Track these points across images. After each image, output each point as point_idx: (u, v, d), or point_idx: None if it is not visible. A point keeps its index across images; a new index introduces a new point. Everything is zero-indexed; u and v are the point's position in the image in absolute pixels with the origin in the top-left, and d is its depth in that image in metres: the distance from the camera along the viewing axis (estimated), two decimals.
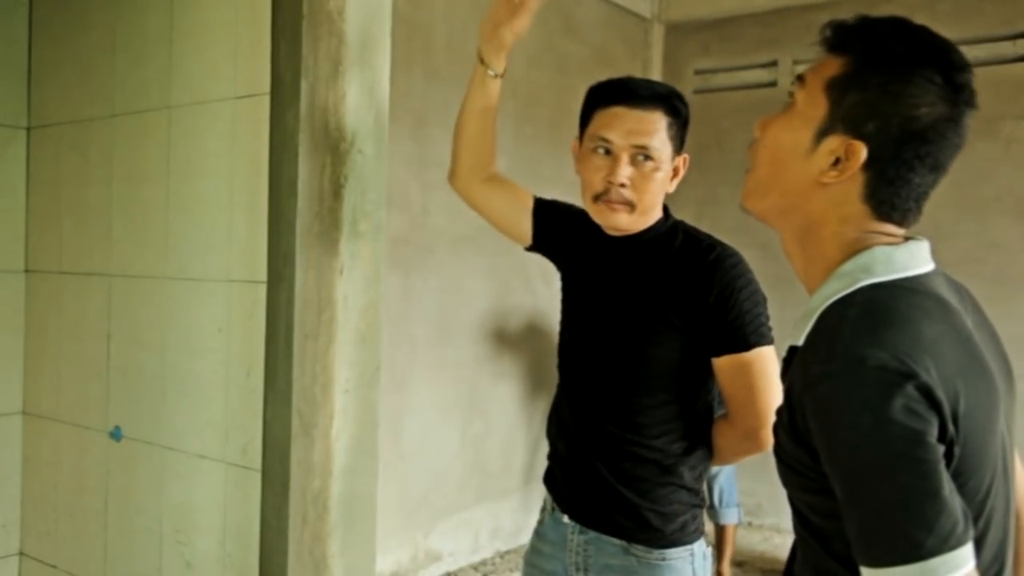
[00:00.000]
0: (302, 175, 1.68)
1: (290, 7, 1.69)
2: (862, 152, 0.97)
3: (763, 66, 4.98)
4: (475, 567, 4.21)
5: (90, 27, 2.13)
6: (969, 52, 4.98)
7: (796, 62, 4.90)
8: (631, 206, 1.60)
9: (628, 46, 5.19)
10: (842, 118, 0.98)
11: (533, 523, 1.81)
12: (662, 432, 1.60)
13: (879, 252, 0.99)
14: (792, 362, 1.02)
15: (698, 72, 5.25)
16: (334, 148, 1.70)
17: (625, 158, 1.59)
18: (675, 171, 1.64)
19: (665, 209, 1.69)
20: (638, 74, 5.26)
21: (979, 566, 0.90)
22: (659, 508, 1.60)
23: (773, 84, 4.94)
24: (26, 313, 2.31)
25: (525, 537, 4.49)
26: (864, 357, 0.87)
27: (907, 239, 1.04)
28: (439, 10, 3.88)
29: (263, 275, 1.76)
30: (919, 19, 1.02)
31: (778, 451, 1.04)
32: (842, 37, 1.01)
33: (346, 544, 1.75)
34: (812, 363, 0.93)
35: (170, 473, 1.95)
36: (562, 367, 1.76)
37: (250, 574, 1.78)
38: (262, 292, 1.76)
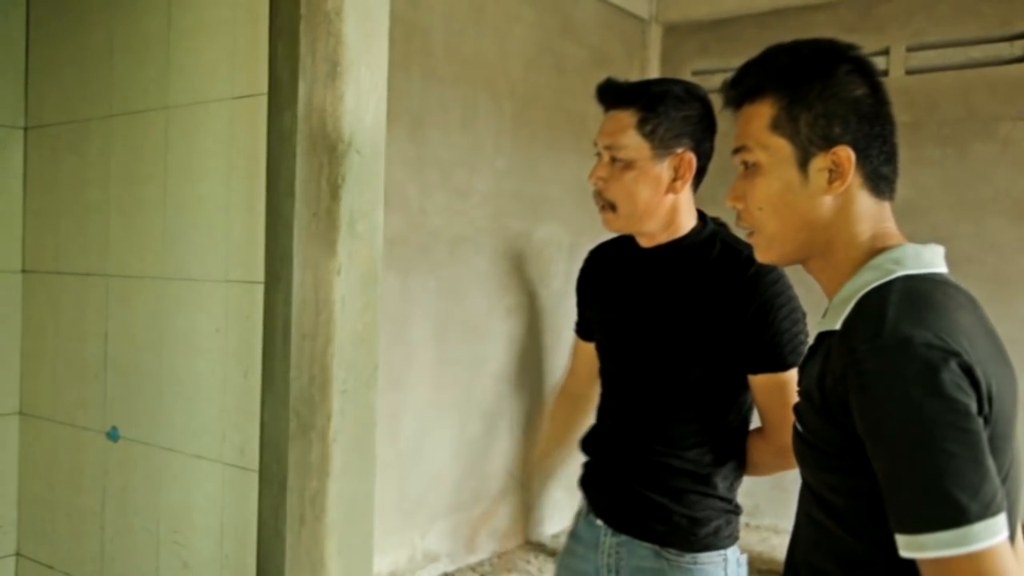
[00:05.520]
0: (300, 175, 1.68)
1: (288, 7, 1.69)
2: (849, 152, 1.06)
3: None
4: (472, 568, 4.21)
5: (88, 27, 2.13)
6: (966, 53, 4.97)
7: None
8: (612, 207, 1.60)
9: (626, 47, 5.19)
10: (809, 140, 1.06)
11: (530, 524, 1.81)
12: (696, 444, 1.60)
13: (909, 249, 1.06)
14: (821, 345, 1.07)
15: (696, 73, 5.25)
16: (332, 149, 1.70)
17: (603, 159, 1.60)
18: (676, 171, 1.57)
19: (703, 216, 1.66)
20: (636, 75, 5.27)
21: None
22: (691, 514, 1.59)
23: None
24: (23, 313, 2.31)
25: (522, 539, 4.49)
26: (911, 336, 0.92)
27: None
28: (437, 11, 3.88)
29: (260, 275, 1.76)
30: (917, 21, 1.06)
31: (800, 433, 1.08)
32: (748, 85, 1.11)
33: (343, 545, 1.75)
34: (857, 342, 0.97)
35: (167, 474, 1.95)
36: (603, 378, 1.75)
37: (247, 575, 1.78)
38: (259, 292, 1.76)
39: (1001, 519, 0.89)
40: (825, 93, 1.06)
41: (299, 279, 1.69)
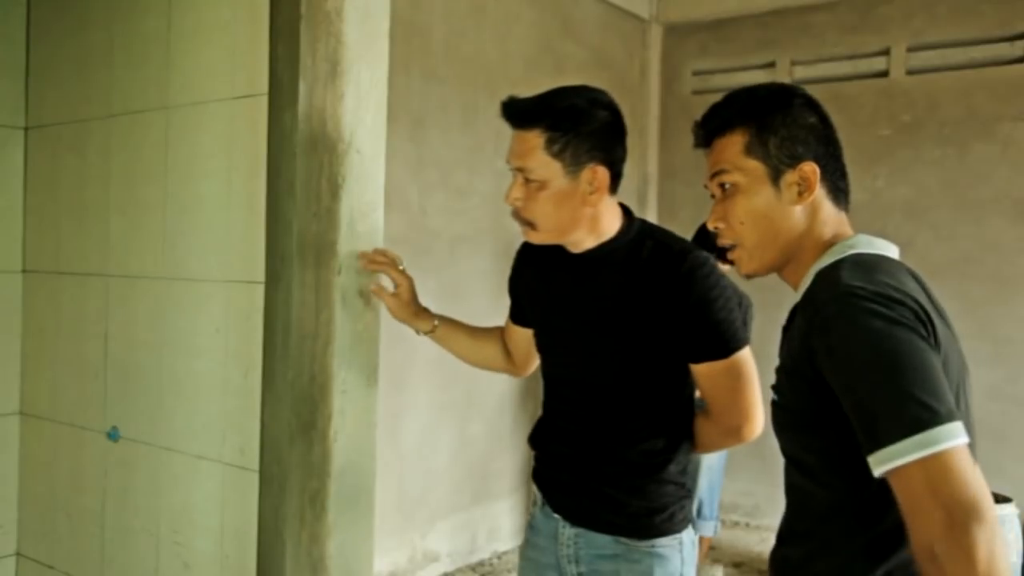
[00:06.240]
0: (300, 175, 1.68)
1: (288, 8, 1.69)
2: (814, 167, 1.23)
3: (761, 67, 4.98)
4: (472, 568, 4.21)
5: (88, 27, 2.13)
6: (966, 53, 4.96)
7: (794, 63, 4.90)
8: (531, 225, 1.60)
9: (626, 47, 5.19)
10: (779, 160, 1.24)
11: None
12: (648, 435, 1.62)
13: (863, 237, 1.23)
14: (792, 322, 1.21)
15: (696, 73, 5.25)
16: (332, 148, 1.70)
17: (517, 179, 1.59)
18: (590, 185, 1.56)
19: (629, 215, 1.66)
20: (636, 75, 5.27)
21: None
22: (647, 504, 1.62)
23: None
24: (23, 313, 2.31)
25: (522, 538, 4.49)
26: (864, 285, 1.07)
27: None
28: (437, 11, 3.88)
29: (261, 275, 1.76)
30: (917, 21, 1.08)
31: (776, 402, 1.22)
32: (719, 122, 1.28)
33: (344, 545, 1.75)
34: (817, 300, 1.13)
35: (167, 474, 1.95)
36: (546, 382, 1.76)
37: (248, 575, 1.78)
38: (260, 292, 1.76)
39: (961, 425, 1.00)
40: (787, 120, 1.24)
41: (299, 279, 1.69)
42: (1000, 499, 3.71)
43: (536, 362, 1.88)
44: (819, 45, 4.81)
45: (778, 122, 1.24)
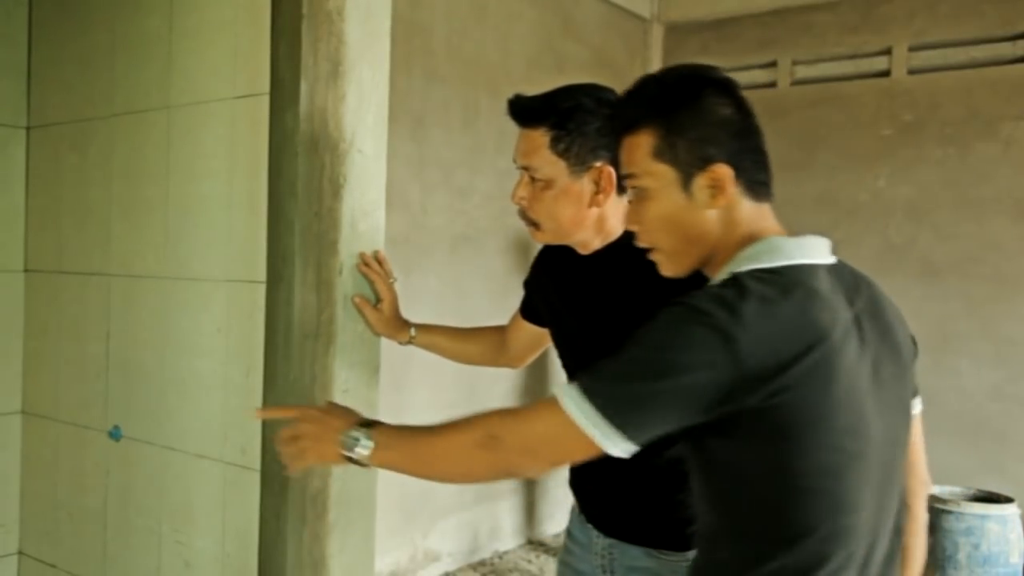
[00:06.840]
0: (301, 175, 1.68)
1: (290, 7, 1.69)
2: (726, 170, 1.16)
3: (762, 67, 4.98)
4: (474, 567, 4.21)
5: (90, 27, 2.13)
6: (968, 53, 4.95)
7: (795, 63, 4.90)
8: (535, 225, 1.59)
9: (627, 47, 5.19)
10: (689, 163, 1.17)
11: (531, 524, 1.82)
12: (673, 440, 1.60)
13: (772, 242, 1.16)
14: None
15: None
16: (333, 148, 1.71)
17: (524, 178, 1.59)
18: (596, 185, 1.55)
19: None
20: (637, 75, 5.25)
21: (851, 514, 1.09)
22: (677, 514, 1.58)
23: (772, 85, 4.93)
24: (25, 313, 2.32)
25: (523, 538, 4.49)
26: (709, 311, 1.05)
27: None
28: (439, 10, 3.89)
29: (262, 275, 1.76)
30: (918, 21, 1.06)
31: None
32: (626, 119, 1.22)
33: (345, 544, 1.75)
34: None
35: (169, 473, 1.95)
36: None
37: (249, 574, 1.78)
38: (261, 292, 1.76)
39: (625, 444, 1.09)
40: (696, 119, 1.17)
41: (301, 279, 1.69)
42: (1002, 499, 3.71)
43: (533, 356, 1.91)
44: (820, 45, 4.81)
45: (687, 121, 1.17)
